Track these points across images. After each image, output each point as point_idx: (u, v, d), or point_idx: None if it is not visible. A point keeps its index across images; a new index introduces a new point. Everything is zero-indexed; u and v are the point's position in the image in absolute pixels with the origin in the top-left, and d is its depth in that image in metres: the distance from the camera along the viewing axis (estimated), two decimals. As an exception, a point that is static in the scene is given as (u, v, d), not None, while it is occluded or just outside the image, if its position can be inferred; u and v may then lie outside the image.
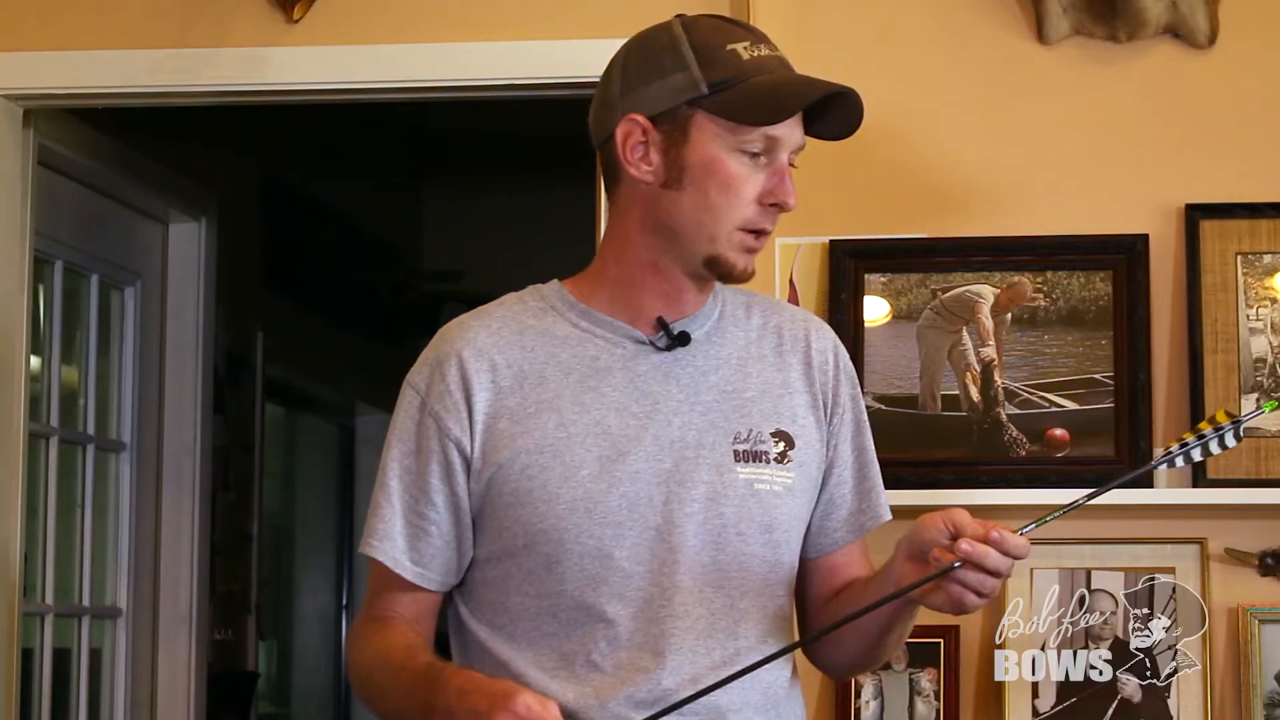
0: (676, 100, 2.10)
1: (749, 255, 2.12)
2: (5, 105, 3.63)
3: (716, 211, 2.10)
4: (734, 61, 2.09)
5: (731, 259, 2.11)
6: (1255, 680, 3.13)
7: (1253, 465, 3.17)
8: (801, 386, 2.20)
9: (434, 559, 2.14)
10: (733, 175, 2.09)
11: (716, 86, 2.09)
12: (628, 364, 2.14)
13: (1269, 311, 3.21)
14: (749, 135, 2.08)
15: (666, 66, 2.11)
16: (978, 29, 3.33)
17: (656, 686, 2.07)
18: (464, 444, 2.12)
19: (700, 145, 2.10)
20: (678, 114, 2.10)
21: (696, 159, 2.10)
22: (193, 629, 4.71)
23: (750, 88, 2.08)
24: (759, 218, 2.10)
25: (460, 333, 2.17)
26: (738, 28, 2.14)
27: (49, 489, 4.26)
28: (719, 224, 2.10)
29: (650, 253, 2.14)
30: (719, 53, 2.10)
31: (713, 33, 2.12)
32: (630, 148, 2.12)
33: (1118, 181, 3.29)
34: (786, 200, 2.10)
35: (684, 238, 2.12)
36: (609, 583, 2.08)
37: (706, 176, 2.10)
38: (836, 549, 2.23)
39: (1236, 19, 3.29)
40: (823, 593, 2.23)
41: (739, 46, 2.11)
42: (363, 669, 2.15)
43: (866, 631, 2.14)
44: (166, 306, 4.73)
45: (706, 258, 2.11)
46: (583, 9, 3.39)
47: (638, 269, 2.16)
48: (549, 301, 2.19)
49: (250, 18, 3.49)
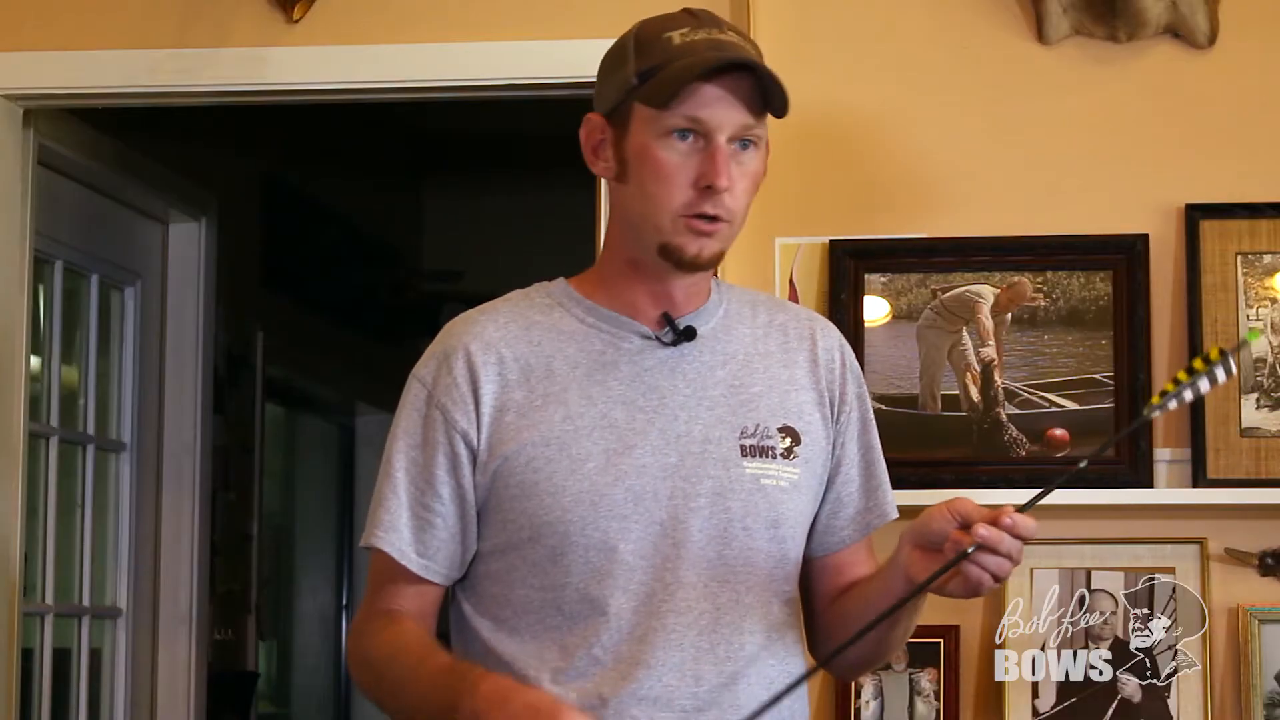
0: (619, 95, 2.12)
1: (701, 239, 2.09)
2: (5, 105, 3.63)
3: (654, 200, 2.10)
4: (663, 48, 2.09)
5: (680, 244, 2.10)
6: (1255, 680, 3.13)
7: (1253, 465, 3.17)
8: (808, 384, 2.20)
9: (439, 551, 2.14)
10: (663, 162, 2.09)
11: (644, 75, 2.10)
12: (634, 359, 2.15)
13: (1269, 311, 3.21)
14: (670, 119, 2.07)
15: (615, 64, 2.14)
16: (978, 29, 3.33)
17: (659, 682, 2.07)
18: (470, 436, 2.12)
19: (636, 135, 2.11)
20: (621, 109, 2.12)
21: (633, 150, 2.11)
22: (193, 629, 4.70)
23: (666, 72, 2.07)
24: (695, 201, 2.08)
25: (467, 327, 2.18)
26: (687, 16, 2.13)
27: (49, 489, 4.26)
28: (659, 212, 2.09)
29: (627, 249, 2.16)
30: (653, 43, 2.11)
31: (659, 24, 2.13)
32: (591, 147, 2.16)
33: (1118, 181, 3.29)
34: (715, 181, 2.06)
35: (638, 230, 2.13)
36: (613, 575, 2.08)
37: (641, 166, 2.10)
38: (843, 547, 2.23)
39: (1236, 19, 3.29)
40: (828, 591, 2.23)
41: (675, 33, 2.10)
42: (373, 663, 2.13)
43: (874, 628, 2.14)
44: (166, 306, 4.73)
45: (658, 247, 2.11)
46: (583, 9, 3.39)
47: (625, 265, 2.17)
48: (555, 298, 2.20)
49: (250, 18, 3.49)
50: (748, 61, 2.07)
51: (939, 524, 1.99)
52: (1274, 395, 3.18)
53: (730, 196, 2.08)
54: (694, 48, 2.08)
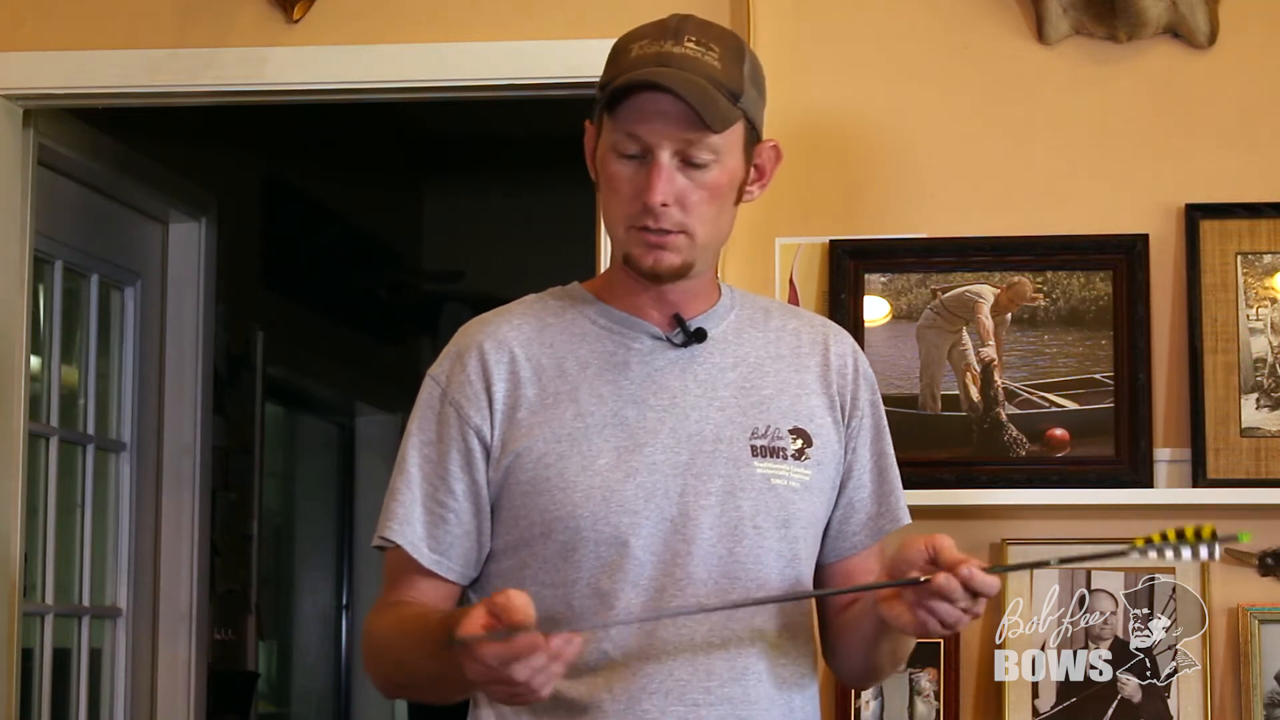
0: (598, 106, 2.14)
1: (654, 251, 2.10)
2: (5, 105, 3.63)
3: (608, 210, 2.14)
4: (621, 60, 2.12)
5: (636, 255, 2.12)
6: (1255, 680, 3.13)
7: (1253, 465, 3.17)
8: (819, 389, 2.21)
9: (452, 547, 2.14)
10: (613, 174, 2.11)
11: (602, 88, 2.12)
12: (645, 359, 2.16)
13: (1269, 311, 3.21)
14: (615, 135, 2.10)
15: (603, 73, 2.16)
16: (978, 29, 3.33)
17: (669, 676, 2.08)
18: (484, 432, 2.13)
19: (600, 147, 2.14)
20: (597, 118, 2.15)
21: (599, 161, 2.15)
22: (193, 629, 4.71)
23: (611, 87, 2.09)
24: (638, 215, 2.10)
25: (481, 327, 2.20)
26: (656, 26, 2.13)
27: (49, 489, 4.26)
28: (612, 223, 2.14)
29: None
30: (619, 52, 2.13)
31: (632, 34, 2.14)
32: (588, 154, 2.19)
33: (1118, 181, 3.29)
34: (646, 198, 2.07)
35: (611, 237, 2.17)
36: (624, 570, 2.09)
37: (600, 177, 2.15)
38: (854, 553, 2.23)
39: (1236, 19, 3.29)
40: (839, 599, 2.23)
41: (636, 45, 2.12)
42: (381, 649, 2.13)
43: (857, 641, 2.18)
44: (166, 306, 4.73)
45: (623, 256, 2.14)
46: (582, 9, 3.39)
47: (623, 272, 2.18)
48: (568, 300, 2.22)
49: (250, 18, 3.49)
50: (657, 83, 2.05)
51: (911, 553, 1.99)
52: (1274, 395, 3.18)
53: (677, 211, 2.09)
54: (641, 61, 2.09)
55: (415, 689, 2.16)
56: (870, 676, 2.30)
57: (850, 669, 2.27)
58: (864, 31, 3.36)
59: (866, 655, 2.19)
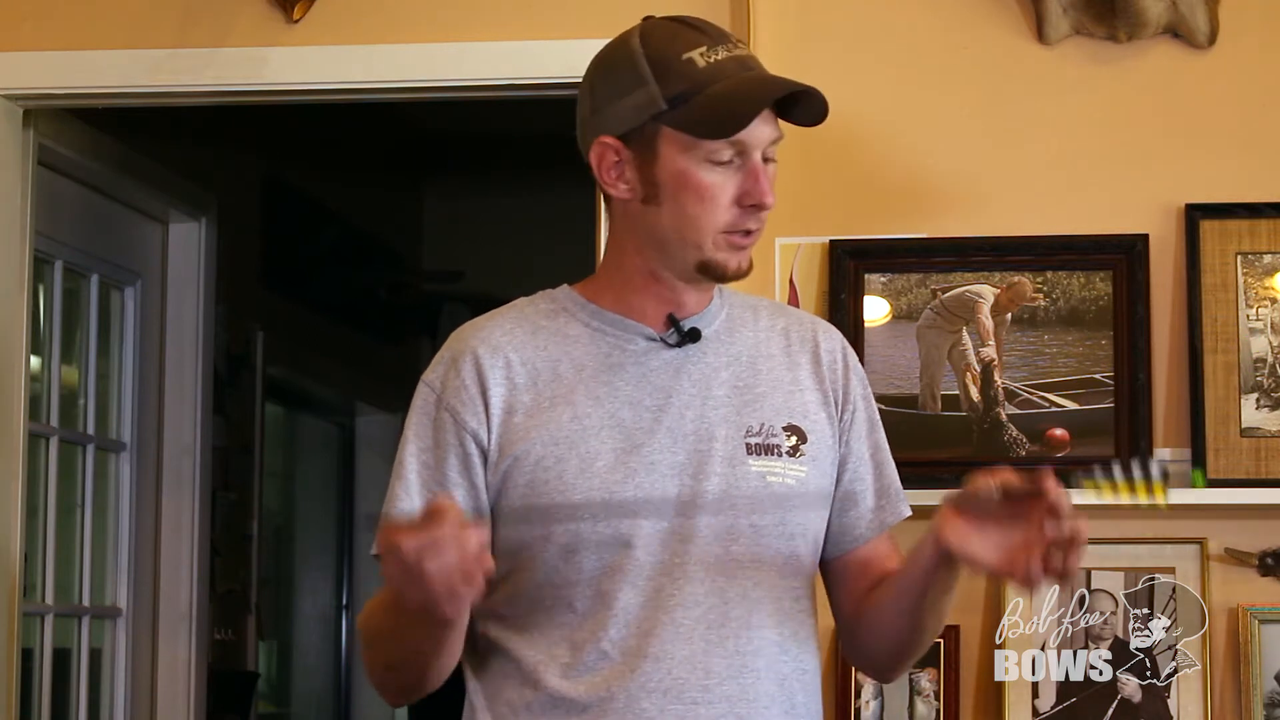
0: (640, 118, 2.11)
1: (740, 253, 2.13)
2: (5, 105, 3.63)
3: (695, 221, 2.11)
4: (690, 72, 2.10)
5: (722, 260, 2.13)
6: (1255, 680, 3.13)
7: (1253, 465, 3.17)
8: (811, 384, 2.21)
9: None
10: (705, 185, 2.10)
11: (675, 101, 2.10)
12: (639, 360, 2.16)
13: (1269, 311, 3.21)
14: (714, 146, 2.09)
15: (628, 84, 2.12)
16: (978, 29, 3.33)
17: (668, 674, 2.08)
18: (481, 436, 2.13)
19: (669, 160, 2.11)
20: (644, 131, 2.12)
21: (668, 174, 2.11)
22: (193, 629, 4.70)
23: (707, 99, 2.08)
24: (739, 220, 2.11)
25: (474, 332, 2.19)
26: (694, 31, 2.13)
27: (49, 489, 4.25)
28: (701, 232, 2.11)
29: (646, 263, 2.17)
30: (675, 63, 2.10)
31: (669, 42, 2.12)
32: (605, 169, 2.15)
33: (1118, 181, 3.29)
34: (763, 200, 2.10)
35: (672, 248, 2.14)
36: (624, 571, 2.09)
37: (680, 189, 2.11)
38: (860, 545, 2.22)
39: (1236, 19, 3.29)
40: (859, 588, 2.22)
41: (695, 54, 2.10)
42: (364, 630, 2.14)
43: (896, 612, 2.14)
44: (166, 306, 4.73)
45: (697, 264, 2.13)
46: (581, 9, 3.39)
47: (637, 277, 2.18)
48: (560, 303, 2.21)
49: (250, 18, 3.49)
50: (805, 89, 2.11)
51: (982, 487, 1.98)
52: (1274, 395, 3.18)
53: None
54: (724, 70, 2.09)
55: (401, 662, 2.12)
56: (909, 650, 2.22)
57: (885, 650, 2.22)
58: (864, 31, 3.36)
59: (913, 623, 2.15)
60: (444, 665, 2.09)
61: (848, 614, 2.24)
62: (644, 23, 2.17)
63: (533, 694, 2.10)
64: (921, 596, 2.10)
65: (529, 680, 2.10)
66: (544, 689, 2.09)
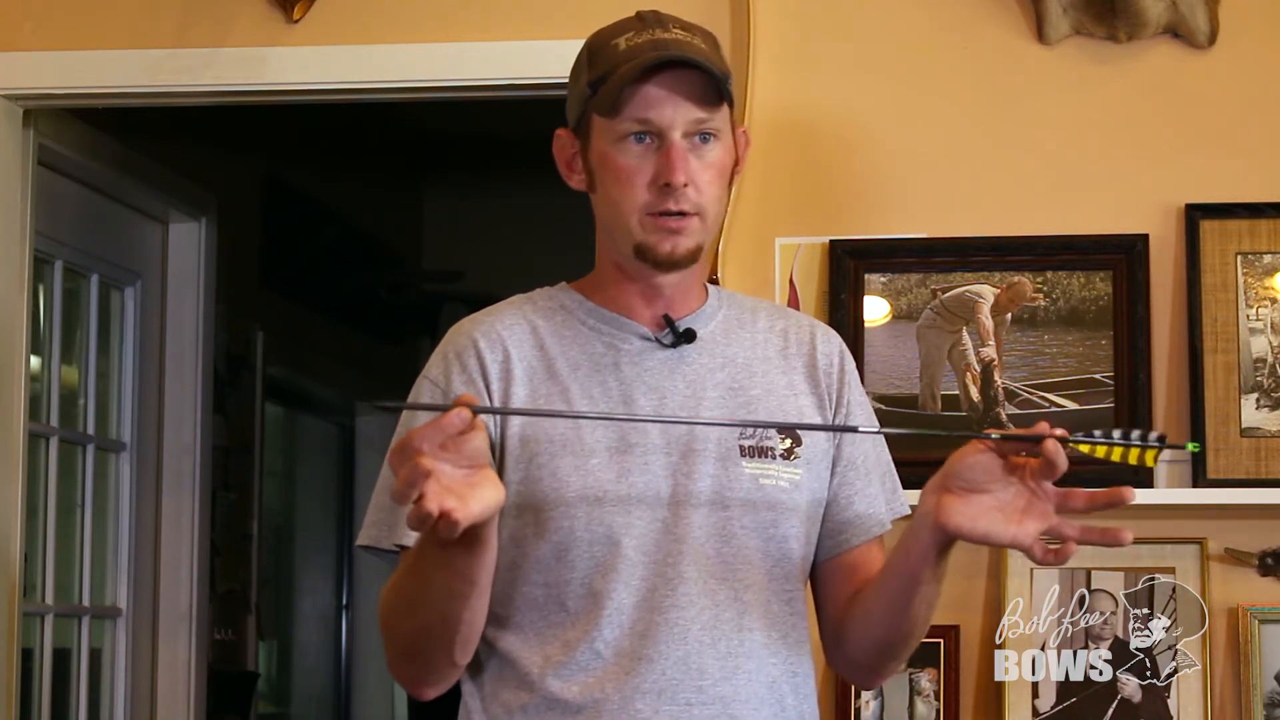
0: (580, 107, 2.16)
1: (671, 237, 2.11)
2: (5, 105, 3.63)
3: (618, 204, 2.13)
4: (610, 56, 2.13)
5: (652, 243, 2.12)
6: (1255, 680, 3.13)
7: (1253, 465, 3.17)
8: (806, 389, 2.21)
9: None
10: (620, 166, 2.12)
11: (594, 84, 2.13)
12: (634, 360, 2.16)
13: (1269, 311, 3.21)
14: (620, 124, 2.11)
15: (574, 76, 2.18)
16: (977, 29, 3.33)
17: (661, 675, 2.08)
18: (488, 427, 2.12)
19: (596, 144, 2.15)
20: (582, 120, 2.16)
21: (596, 158, 2.15)
22: (193, 629, 4.71)
23: (613, 80, 2.11)
24: (656, 200, 2.11)
25: (473, 326, 2.20)
26: (634, 20, 2.16)
27: (49, 489, 4.26)
28: (625, 215, 2.13)
29: (609, 254, 2.20)
30: (603, 50, 2.14)
31: (609, 32, 2.16)
32: (564, 162, 2.21)
33: (1118, 181, 3.29)
34: (670, 178, 2.09)
35: (612, 234, 2.17)
36: (616, 570, 2.09)
37: (603, 172, 2.14)
38: (849, 549, 2.22)
39: (1236, 19, 3.29)
40: (844, 593, 2.22)
41: (622, 39, 2.13)
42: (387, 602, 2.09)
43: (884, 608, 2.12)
44: (166, 306, 4.73)
45: (633, 248, 2.14)
46: (581, 9, 3.39)
47: (613, 270, 2.20)
48: (557, 301, 2.22)
49: (250, 18, 3.49)
50: (680, 57, 2.09)
51: (973, 457, 1.98)
52: (1274, 395, 3.18)
53: (694, 190, 2.11)
54: (637, 50, 2.11)
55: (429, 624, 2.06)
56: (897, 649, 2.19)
57: (871, 649, 2.19)
58: (864, 31, 3.36)
59: (903, 618, 2.11)
60: (476, 620, 2.04)
61: (832, 618, 2.23)
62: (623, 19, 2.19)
63: (527, 696, 2.10)
64: (915, 586, 2.07)
65: (524, 682, 2.10)
66: (539, 691, 2.09)
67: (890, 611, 2.13)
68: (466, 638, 2.06)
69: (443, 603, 2.02)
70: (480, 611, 2.05)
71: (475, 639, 2.08)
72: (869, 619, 2.16)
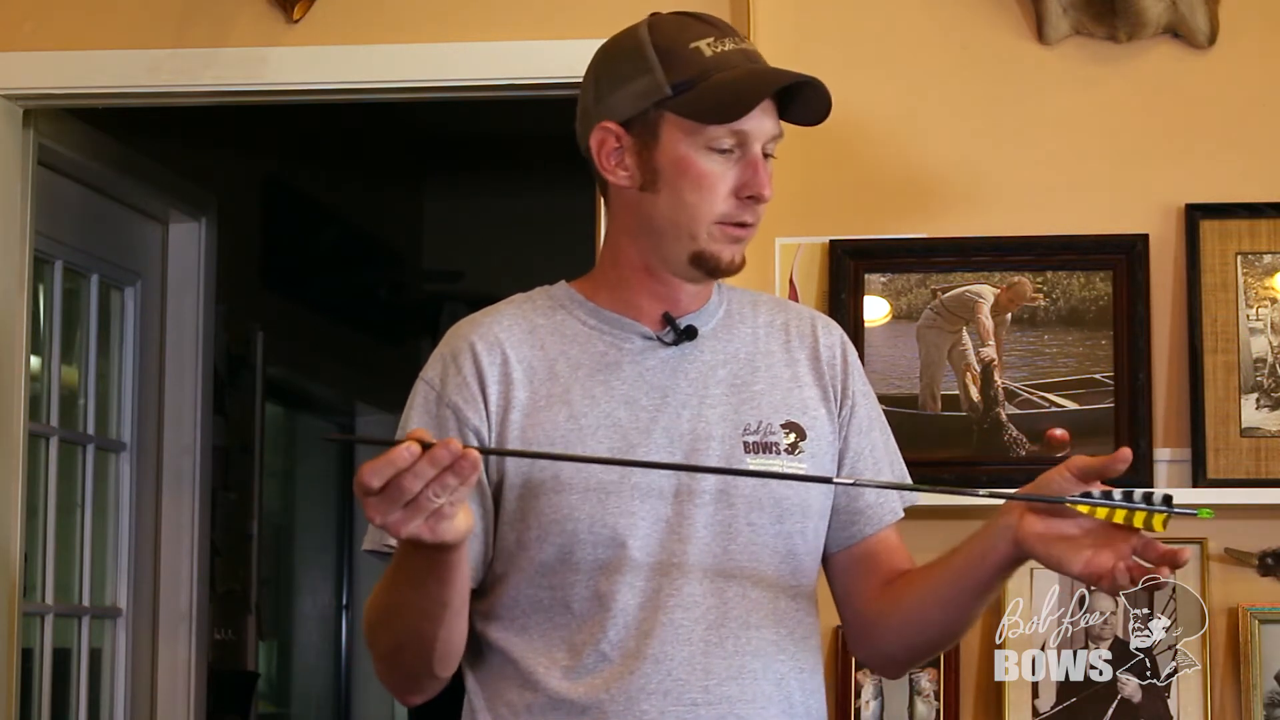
0: (644, 104, 2.13)
1: (735, 246, 2.13)
2: (5, 105, 3.63)
3: (692, 210, 2.12)
4: (696, 60, 2.11)
5: (716, 251, 2.13)
6: (1255, 680, 3.13)
7: (1253, 465, 3.17)
8: (810, 380, 2.21)
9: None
10: (704, 173, 2.11)
11: (679, 87, 2.11)
12: (636, 359, 2.16)
13: (1269, 311, 3.21)
14: (716, 133, 2.10)
15: (632, 71, 2.14)
16: (978, 29, 3.33)
17: (667, 676, 2.08)
18: (483, 433, 2.12)
19: (670, 146, 2.12)
20: (646, 117, 2.13)
21: (668, 160, 2.12)
22: (193, 629, 4.71)
23: (711, 86, 2.09)
24: (736, 211, 2.12)
25: (472, 328, 2.19)
26: (702, 24, 2.15)
27: (49, 489, 4.26)
28: (696, 221, 2.12)
29: (641, 256, 2.17)
30: (682, 52, 2.12)
31: (677, 32, 2.14)
32: (605, 155, 2.16)
33: (1118, 181, 3.29)
34: (761, 192, 2.11)
35: (666, 238, 2.14)
36: (621, 572, 2.09)
37: (679, 176, 2.12)
38: (863, 539, 2.21)
39: (1236, 19, 3.29)
40: (870, 582, 2.20)
41: (702, 44, 2.12)
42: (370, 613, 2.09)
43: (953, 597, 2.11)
44: (166, 306, 4.73)
45: (691, 254, 2.13)
46: (581, 9, 3.40)
47: (631, 272, 2.18)
48: (557, 300, 2.21)
49: (250, 18, 3.49)
50: (812, 80, 2.11)
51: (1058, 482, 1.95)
52: (1274, 395, 3.18)
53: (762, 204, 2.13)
54: (729, 60, 2.11)
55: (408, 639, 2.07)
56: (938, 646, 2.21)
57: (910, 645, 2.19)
58: (864, 31, 3.36)
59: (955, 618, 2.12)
60: (452, 638, 2.05)
61: (861, 609, 2.22)
62: (652, 16, 2.18)
63: (532, 696, 2.10)
64: (983, 593, 2.08)
65: (528, 682, 2.10)
66: (544, 691, 2.09)
67: (948, 613, 2.13)
68: (444, 655, 2.07)
69: (417, 621, 2.03)
70: (457, 631, 2.05)
71: (454, 656, 2.08)
72: (924, 616, 2.15)
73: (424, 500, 1.82)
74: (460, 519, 1.86)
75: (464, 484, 1.82)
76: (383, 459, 1.80)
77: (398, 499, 1.81)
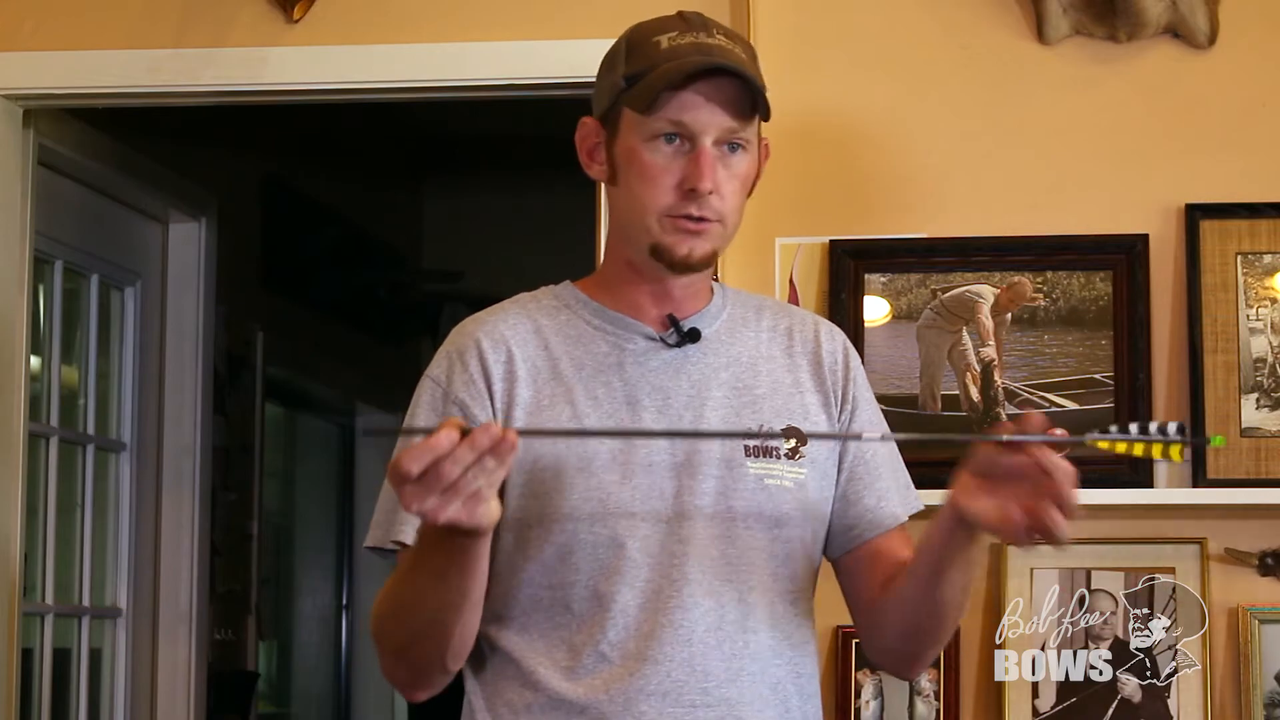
0: (611, 99, 2.15)
1: (691, 239, 2.11)
2: (5, 105, 3.63)
3: (640, 201, 2.12)
4: (651, 53, 2.12)
5: (670, 244, 2.12)
6: (1255, 680, 3.13)
7: (1253, 465, 3.17)
8: (811, 386, 2.21)
9: None
10: (647, 164, 2.11)
11: (631, 80, 2.12)
12: (639, 360, 2.16)
13: (1269, 311, 3.21)
14: (654, 123, 2.10)
15: (607, 68, 2.17)
16: (978, 29, 3.33)
17: (667, 677, 2.08)
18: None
19: (624, 138, 2.14)
20: (611, 112, 2.15)
21: (622, 152, 2.14)
22: (193, 629, 4.71)
23: (652, 77, 2.10)
24: (679, 204, 2.11)
25: (477, 326, 2.19)
26: (678, 20, 2.15)
27: (49, 489, 4.26)
28: (645, 213, 2.12)
29: (624, 251, 2.19)
30: (643, 46, 2.13)
31: (652, 27, 2.15)
32: (585, 150, 2.19)
33: (1118, 181, 3.29)
34: (697, 184, 2.09)
35: (628, 231, 2.16)
36: (621, 572, 2.09)
37: (628, 167, 2.13)
38: (866, 541, 2.21)
39: (1236, 19, 3.29)
40: (874, 581, 2.21)
41: (664, 37, 2.13)
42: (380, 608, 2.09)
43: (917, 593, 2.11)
44: (166, 306, 4.73)
45: (649, 247, 2.13)
46: (582, 9, 3.40)
47: (624, 268, 2.19)
48: (562, 300, 2.22)
49: (250, 18, 3.49)
50: (726, 66, 2.09)
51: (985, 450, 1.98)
52: (1274, 395, 3.18)
53: (717, 199, 2.11)
54: (679, 51, 2.11)
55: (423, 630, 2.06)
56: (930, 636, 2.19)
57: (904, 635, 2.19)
58: (864, 31, 3.36)
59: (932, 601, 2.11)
60: (467, 630, 2.05)
61: (864, 608, 2.23)
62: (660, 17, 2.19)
63: (532, 695, 2.10)
64: (939, 565, 2.07)
65: (529, 682, 2.10)
66: (543, 691, 2.09)
67: (920, 595, 2.12)
68: (458, 647, 2.07)
69: (435, 612, 2.03)
70: (471, 623, 2.06)
71: (467, 648, 2.09)
72: (902, 603, 2.15)
73: (462, 485, 1.82)
74: (494, 504, 1.87)
75: (501, 466, 1.83)
76: (422, 445, 1.81)
77: (435, 485, 1.82)
